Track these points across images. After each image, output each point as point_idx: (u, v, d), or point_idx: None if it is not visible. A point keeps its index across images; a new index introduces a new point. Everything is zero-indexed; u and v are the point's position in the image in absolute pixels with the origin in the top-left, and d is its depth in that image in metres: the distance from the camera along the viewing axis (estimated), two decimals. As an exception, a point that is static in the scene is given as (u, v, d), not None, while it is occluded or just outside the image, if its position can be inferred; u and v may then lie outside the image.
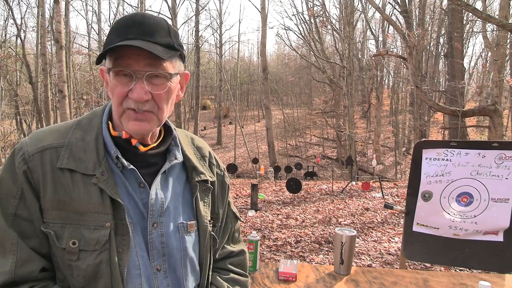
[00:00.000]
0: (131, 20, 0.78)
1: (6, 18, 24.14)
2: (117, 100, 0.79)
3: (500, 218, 2.11)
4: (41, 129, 0.84)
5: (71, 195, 0.76)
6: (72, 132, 0.82)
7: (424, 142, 2.38)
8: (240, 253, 1.06)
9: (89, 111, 0.89)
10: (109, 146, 0.82)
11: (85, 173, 0.77)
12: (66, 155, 0.78)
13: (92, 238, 0.76)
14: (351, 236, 1.61)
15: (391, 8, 21.50)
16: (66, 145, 0.79)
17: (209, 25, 40.00)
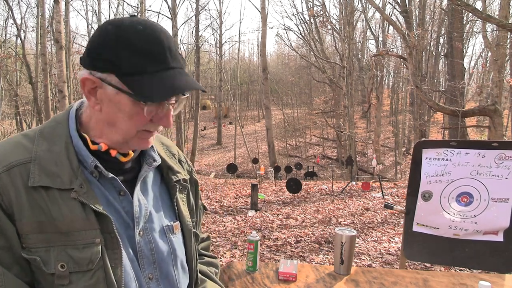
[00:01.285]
0: (159, 42, 0.70)
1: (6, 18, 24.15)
2: (136, 126, 0.74)
3: (500, 218, 2.11)
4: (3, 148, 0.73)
5: (50, 215, 0.69)
6: (36, 144, 0.73)
7: (424, 142, 2.38)
8: (207, 238, 1.16)
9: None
10: (84, 156, 0.75)
11: (61, 188, 0.70)
12: (37, 171, 0.70)
13: (83, 257, 0.70)
14: (351, 236, 1.61)
15: (391, 8, 21.52)
16: (34, 160, 0.71)
17: (209, 25, 40.03)
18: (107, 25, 0.71)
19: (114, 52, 0.69)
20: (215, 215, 6.34)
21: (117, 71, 0.69)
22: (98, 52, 0.70)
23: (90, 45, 0.72)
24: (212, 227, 5.45)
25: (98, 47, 0.70)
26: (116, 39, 0.69)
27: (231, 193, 8.85)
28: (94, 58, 0.70)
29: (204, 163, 24.03)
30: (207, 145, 29.49)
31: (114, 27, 0.70)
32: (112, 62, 0.69)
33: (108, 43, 0.69)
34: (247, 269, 1.60)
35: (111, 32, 0.69)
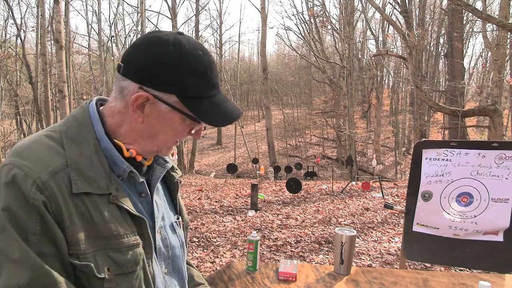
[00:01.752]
0: (214, 68, 0.76)
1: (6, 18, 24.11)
2: (176, 140, 0.80)
3: (500, 218, 2.11)
4: (26, 145, 0.71)
5: (93, 220, 0.69)
6: (67, 148, 0.72)
7: (424, 142, 2.38)
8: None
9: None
10: (116, 161, 0.76)
11: (100, 193, 0.71)
12: (77, 177, 0.69)
13: (127, 260, 0.72)
14: (351, 236, 1.61)
15: (391, 8, 21.52)
16: (70, 165, 0.70)
17: (209, 25, 40.00)
18: (168, 46, 0.72)
19: (178, 75, 0.72)
20: (215, 215, 6.34)
21: (179, 93, 0.73)
22: (158, 71, 0.71)
23: (144, 61, 0.72)
24: (212, 227, 5.45)
25: (158, 66, 0.71)
26: (180, 63, 0.72)
27: (231, 193, 8.85)
28: (152, 75, 0.72)
29: (204, 163, 24.04)
30: (207, 145, 29.49)
31: (176, 49, 0.72)
32: (174, 85, 0.72)
33: (172, 66, 0.71)
34: (247, 269, 1.60)
35: (174, 54, 0.71)
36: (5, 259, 0.63)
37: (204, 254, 4.24)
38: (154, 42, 0.73)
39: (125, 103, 0.75)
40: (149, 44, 0.73)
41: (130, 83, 0.73)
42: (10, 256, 0.62)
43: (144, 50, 0.72)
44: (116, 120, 0.77)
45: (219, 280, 1.51)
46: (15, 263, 0.62)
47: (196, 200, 7.73)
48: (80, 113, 0.77)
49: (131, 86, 0.73)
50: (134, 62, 0.73)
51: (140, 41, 0.74)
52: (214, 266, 3.88)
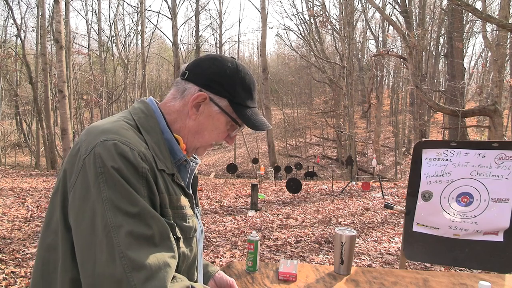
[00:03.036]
0: (256, 86, 0.98)
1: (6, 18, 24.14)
2: (216, 140, 0.96)
3: (500, 218, 2.11)
4: (116, 126, 0.82)
5: (169, 191, 0.84)
6: (144, 133, 0.85)
7: (424, 142, 2.38)
8: None
9: (89, 111, 0.92)
10: (175, 150, 0.90)
11: (169, 173, 0.86)
12: (156, 157, 0.83)
13: (189, 227, 0.88)
14: (351, 236, 1.61)
15: (391, 8, 21.53)
16: (149, 148, 0.83)
17: (209, 25, 39.99)
18: (227, 63, 0.92)
19: (232, 84, 0.91)
20: (215, 215, 6.34)
21: (230, 99, 0.92)
22: (216, 79, 0.90)
23: (207, 70, 0.90)
24: (212, 227, 5.45)
25: (217, 75, 0.90)
26: (235, 76, 0.91)
27: (231, 193, 8.85)
28: (211, 81, 0.90)
29: (204, 163, 24.04)
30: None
31: (233, 66, 0.92)
32: (227, 91, 0.91)
33: (228, 76, 0.91)
34: (247, 269, 1.60)
35: (231, 69, 0.91)
36: (124, 214, 0.72)
37: (204, 254, 4.24)
38: (216, 58, 0.92)
39: (184, 103, 0.91)
40: (212, 59, 0.92)
41: (192, 86, 0.91)
42: (128, 210, 0.72)
43: (207, 63, 0.91)
44: (172, 117, 0.92)
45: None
46: (134, 217, 0.73)
47: (196, 200, 7.72)
48: (145, 107, 0.91)
49: (192, 89, 0.90)
50: (198, 70, 0.91)
51: (204, 57, 0.93)
52: (214, 266, 3.87)
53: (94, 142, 0.76)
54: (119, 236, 0.70)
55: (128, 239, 0.70)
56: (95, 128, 0.81)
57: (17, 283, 3.26)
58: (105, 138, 0.76)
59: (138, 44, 22.31)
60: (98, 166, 0.73)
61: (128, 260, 0.69)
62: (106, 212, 0.71)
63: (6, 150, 20.14)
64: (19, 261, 3.74)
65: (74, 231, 0.74)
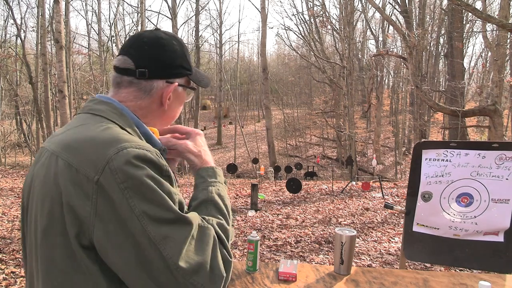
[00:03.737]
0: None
1: (6, 18, 24.14)
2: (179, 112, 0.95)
3: (501, 219, 2.11)
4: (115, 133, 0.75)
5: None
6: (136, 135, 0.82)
7: (424, 143, 2.38)
8: None
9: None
10: (154, 141, 0.86)
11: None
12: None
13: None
14: (351, 236, 1.62)
15: (391, 8, 21.54)
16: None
17: (209, 25, 40.05)
18: (171, 41, 0.88)
19: (186, 60, 0.90)
20: (215, 215, 6.34)
21: (188, 73, 0.91)
22: (175, 63, 0.88)
23: (164, 60, 0.86)
24: (212, 227, 5.45)
25: (174, 59, 0.87)
26: (185, 52, 0.90)
27: (231, 193, 8.86)
28: (172, 68, 0.87)
29: (204, 163, 24.00)
30: (207, 145, 29.43)
31: (177, 42, 0.89)
32: (185, 68, 0.89)
33: (182, 55, 0.89)
34: (247, 269, 1.60)
35: (179, 46, 0.88)
36: (165, 223, 0.69)
37: (204, 254, 4.24)
38: (160, 43, 0.86)
39: (153, 100, 0.87)
40: (159, 46, 0.86)
41: (158, 82, 0.86)
42: (166, 217, 0.69)
43: (159, 52, 0.86)
44: (141, 113, 0.87)
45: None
46: (174, 222, 0.70)
47: (196, 200, 7.73)
48: (111, 107, 0.83)
49: (159, 84, 0.86)
50: (156, 64, 0.85)
51: (147, 46, 0.85)
52: (214, 266, 3.87)
53: (103, 158, 0.68)
54: (167, 248, 0.67)
55: (177, 247, 0.68)
56: (82, 143, 0.72)
57: (17, 283, 3.26)
58: (116, 150, 0.69)
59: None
60: (120, 181, 0.67)
61: (184, 270, 0.67)
62: (146, 228, 0.67)
63: (6, 150, 20.14)
64: (19, 261, 3.74)
65: (115, 261, 0.68)
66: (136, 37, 0.88)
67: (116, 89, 0.87)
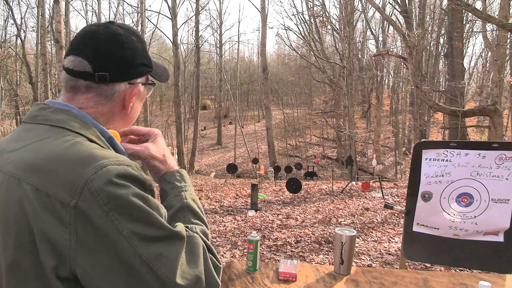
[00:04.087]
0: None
1: (6, 18, 24.11)
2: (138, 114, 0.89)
3: (501, 219, 2.11)
4: (90, 148, 0.67)
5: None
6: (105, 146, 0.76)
7: (424, 143, 2.38)
8: None
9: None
10: (119, 149, 0.79)
11: None
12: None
13: None
14: (351, 236, 1.62)
15: (391, 8, 21.53)
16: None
17: (209, 25, 40.03)
18: (130, 37, 0.78)
19: (147, 56, 0.82)
20: (215, 215, 6.34)
21: (150, 70, 0.84)
22: (136, 62, 0.79)
23: (123, 61, 0.76)
24: (212, 227, 5.45)
25: (135, 57, 0.79)
26: (144, 47, 0.82)
27: (231, 193, 8.85)
28: (133, 67, 0.79)
29: (204, 163, 24.03)
30: (207, 145, 29.48)
31: (136, 37, 0.80)
32: (147, 65, 0.82)
33: (142, 52, 0.81)
34: (247, 269, 1.60)
35: (138, 43, 0.80)
36: (156, 240, 0.65)
37: (204, 254, 4.24)
38: (118, 40, 0.76)
39: (115, 104, 0.79)
40: (117, 43, 0.76)
41: (119, 85, 0.78)
42: (157, 235, 0.65)
43: (117, 51, 0.76)
44: (102, 120, 0.78)
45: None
46: (166, 238, 0.66)
47: (196, 200, 7.73)
48: (72, 116, 0.73)
49: (122, 87, 0.78)
50: (116, 65, 0.76)
51: (105, 46, 0.75)
52: (214, 266, 3.87)
53: (80, 180, 0.61)
54: (161, 267, 0.63)
55: (172, 264, 0.64)
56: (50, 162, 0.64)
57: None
58: (94, 169, 0.62)
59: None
60: (103, 203, 0.60)
61: (183, 287, 0.64)
62: (137, 249, 0.62)
63: (6, 150, 20.09)
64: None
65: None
66: (89, 34, 0.76)
67: (71, 94, 0.77)
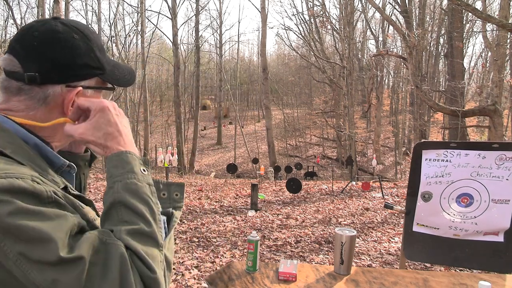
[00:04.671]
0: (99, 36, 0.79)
1: (6, 18, 24.11)
2: None
3: (501, 219, 2.11)
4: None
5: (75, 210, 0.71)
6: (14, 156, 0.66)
7: (424, 143, 2.38)
8: None
9: None
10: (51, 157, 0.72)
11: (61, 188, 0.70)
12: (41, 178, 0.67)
13: None
14: (351, 236, 1.62)
15: (391, 8, 21.53)
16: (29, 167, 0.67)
17: (209, 25, 40.00)
18: (72, 35, 0.70)
19: (95, 57, 0.73)
20: (215, 215, 6.34)
21: (100, 73, 0.74)
22: (77, 62, 0.70)
23: (59, 60, 0.69)
24: (212, 227, 5.45)
25: (76, 57, 0.70)
26: (91, 47, 0.72)
27: (231, 193, 8.86)
28: (73, 69, 0.70)
29: (204, 163, 24.04)
30: (207, 145, 29.49)
31: (79, 35, 0.71)
32: (95, 67, 0.73)
33: (86, 51, 0.71)
34: (247, 269, 1.60)
35: (81, 41, 0.71)
36: (49, 264, 0.55)
37: (204, 254, 4.24)
38: (54, 38, 0.69)
39: (50, 109, 0.70)
40: (52, 42, 0.69)
41: (53, 88, 0.69)
42: (49, 259, 0.55)
43: (52, 50, 0.68)
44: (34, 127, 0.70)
45: (219, 280, 1.51)
46: (56, 264, 0.55)
47: (196, 200, 7.73)
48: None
49: (57, 90, 0.70)
50: (48, 65, 0.68)
51: (36, 42, 0.68)
52: (214, 266, 3.88)
53: None
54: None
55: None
56: None
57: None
58: None
59: (138, 44, 22.32)
60: None
61: None
62: (28, 274, 0.54)
63: (6, 150, 20.11)
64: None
65: None
66: (25, 30, 0.70)
67: (6, 95, 0.70)
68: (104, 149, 0.71)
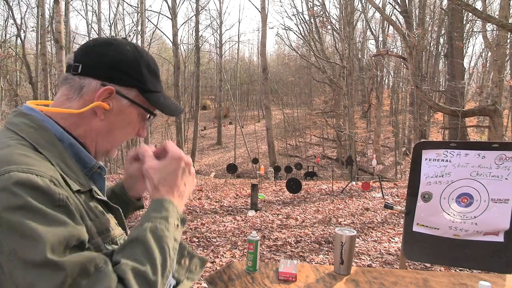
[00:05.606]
0: (158, 67, 0.84)
1: (6, 18, 24.12)
2: (130, 137, 0.82)
3: (501, 219, 2.11)
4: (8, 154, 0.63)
5: (90, 216, 0.72)
6: (44, 152, 0.70)
7: (424, 143, 2.38)
8: None
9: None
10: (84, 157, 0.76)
11: (85, 190, 0.73)
12: (66, 175, 0.71)
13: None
14: (351, 236, 1.62)
15: (391, 8, 21.53)
16: (56, 167, 0.69)
17: (209, 25, 40.01)
18: (125, 46, 0.77)
19: (139, 70, 0.77)
20: (215, 215, 6.34)
21: (140, 86, 0.77)
22: (120, 67, 0.75)
23: (105, 59, 0.74)
24: (212, 227, 5.45)
25: (120, 62, 0.75)
26: (139, 60, 0.77)
27: (231, 193, 8.86)
28: (114, 71, 0.74)
29: (204, 163, 24.04)
30: (207, 145, 29.49)
31: (132, 48, 0.77)
32: (135, 79, 0.76)
33: (132, 62, 0.76)
34: (247, 269, 1.60)
35: (132, 53, 0.77)
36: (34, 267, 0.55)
37: (204, 254, 4.24)
38: (110, 43, 0.76)
39: (84, 102, 0.73)
40: (105, 44, 0.76)
41: (91, 81, 0.73)
42: (35, 259, 0.55)
43: (101, 50, 0.75)
44: (70, 122, 0.73)
45: (219, 280, 1.51)
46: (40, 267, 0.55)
47: (196, 200, 7.73)
48: (29, 120, 0.71)
49: (92, 84, 0.73)
50: (93, 60, 0.74)
51: (94, 43, 0.77)
52: (214, 266, 3.88)
53: None
54: None
55: None
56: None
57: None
58: (2, 171, 0.58)
59: (138, 44, 22.36)
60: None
61: None
62: (12, 271, 0.54)
63: (6, 150, 20.11)
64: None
65: None
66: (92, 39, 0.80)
67: (60, 87, 0.77)
68: (154, 190, 0.75)
